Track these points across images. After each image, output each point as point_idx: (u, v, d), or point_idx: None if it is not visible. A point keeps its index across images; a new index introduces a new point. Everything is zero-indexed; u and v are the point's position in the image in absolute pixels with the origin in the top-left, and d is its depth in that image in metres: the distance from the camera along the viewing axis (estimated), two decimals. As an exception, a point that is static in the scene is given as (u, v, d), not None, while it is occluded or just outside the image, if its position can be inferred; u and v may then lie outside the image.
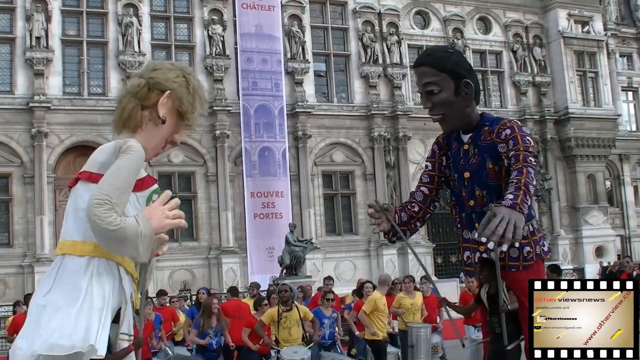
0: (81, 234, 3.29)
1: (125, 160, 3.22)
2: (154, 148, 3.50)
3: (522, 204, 3.92)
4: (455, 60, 4.46)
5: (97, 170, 3.30)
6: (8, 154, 29.27)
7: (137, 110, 3.45)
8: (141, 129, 3.47)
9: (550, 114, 39.15)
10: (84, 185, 3.33)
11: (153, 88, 3.46)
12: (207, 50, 32.43)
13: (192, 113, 3.52)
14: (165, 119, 3.45)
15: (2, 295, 27.53)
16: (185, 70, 3.56)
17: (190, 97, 3.50)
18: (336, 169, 34.46)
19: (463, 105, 4.46)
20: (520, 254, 4.50)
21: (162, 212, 3.22)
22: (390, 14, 36.25)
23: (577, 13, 40.21)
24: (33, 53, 29.62)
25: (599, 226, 39.59)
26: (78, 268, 3.24)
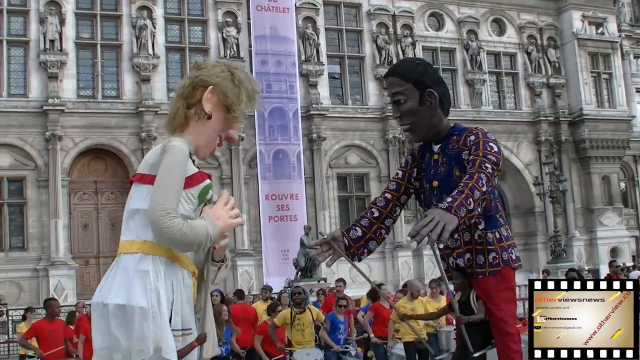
0: (134, 233, 3.40)
1: (168, 162, 3.31)
2: (207, 145, 3.58)
3: (459, 207, 3.85)
4: (420, 71, 4.48)
5: (147, 171, 3.41)
6: (22, 158, 29.26)
7: (183, 109, 3.52)
8: (190, 127, 3.53)
9: (565, 115, 39.04)
10: (137, 186, 3.46)
11: (197, 86, 3.53)
12: (222, 52, 32.36)
13: (239, 105, 3.55)
14: (210, 114, 3.51)
15: (17, 299, 27.47)
16: (231, 65, 3.62)
17: (236, 89, 3.54)
18: (351, 171, 34.42)
19: (428, 114, 4.47)
20: (486, 260, 4.46)
21: (227, 212, 3.38)
22: (404, 16, 36.19)
23: (591, 14, 40.10)
24: (47, 56, 29.61)
25: (614, 227, 39.50)
26: (131, 266, 3.34)
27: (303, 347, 11.91)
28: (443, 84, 4.59)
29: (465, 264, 4.51)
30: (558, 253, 33.43)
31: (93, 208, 30.61)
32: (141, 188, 3.41)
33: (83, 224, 30.35)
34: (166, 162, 3.29)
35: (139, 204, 3.39)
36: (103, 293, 3.34)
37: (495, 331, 4.52)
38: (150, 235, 3.33)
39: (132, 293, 3.26)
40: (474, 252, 4.48)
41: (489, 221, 4.48)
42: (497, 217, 4.51)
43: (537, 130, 38.62)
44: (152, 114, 30.52)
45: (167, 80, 31.87)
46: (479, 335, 4.81)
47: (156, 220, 3.19)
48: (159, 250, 3.36)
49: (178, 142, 3.36)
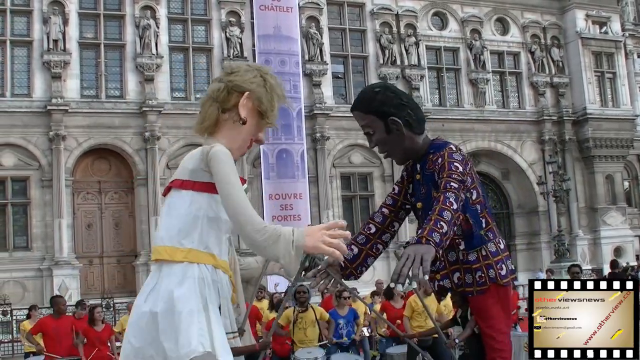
0: (176, 240, 3.41)
1: (224, 168, 3.33)
2: (239, 148, 3.63)
3: (429, 234, 3.85)
4: (380, 100, 4.42)
5: (188, 177, 3.45)
6: (26, 157, 29.28)
7: (218, 113, 3.57)
8: (223, 131, 3.58)
9: (569, 114, 39.00)
10: (177, 192, 3.48)
11: (232, 90, 3.57)
12: (225, 52, 32.40)
13: (272, 111, 3.61)
14: (246, 119, 3.56)
15: (21, 298, 27.50)
16: (262, 70, 3.67)
17: (269, 95, 3.61)
18: (355, 170, 34.42)
19: (398, 141, 4.45)
20: (474, 279, 4.43)
21: (322, 235, 3.17)
22: (408, 15, 36.17)
23: (595, 14, 40.05)
24: (50, 56, 29.64)
25: (617, 227, 39.46)
26: (175, 274, 3.37)
27: (306, 346, 11.95)
28: (409, 104, 4.50)
29: (455, 283, 4.49)
30: (562, 252, 33.43)
31: (97, 208, 30.62)
32: (182, 194, 3.46)
33: (87, 224, 30.36)
34: (223, 168, 3.33)
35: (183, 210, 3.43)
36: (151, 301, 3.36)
37: (486, 347, 4.52)
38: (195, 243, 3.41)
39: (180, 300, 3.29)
40: (462, 271, 4.45)
41: (470, 240, 4.44)
42: (482, 234, 4.45)
43: (540, 129, 38.59)
44: (156, 113, 30.54)
45: (171, 80, 31.89)
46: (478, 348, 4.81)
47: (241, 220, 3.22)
48: (204, 257, 3.42)
49: (222, 147, 3.40)
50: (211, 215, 3.46)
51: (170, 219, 3.46)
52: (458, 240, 4.42)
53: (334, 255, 3.17)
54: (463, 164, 4.27)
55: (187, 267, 3.37)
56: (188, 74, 32.31)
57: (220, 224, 3.48)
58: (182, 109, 31.40)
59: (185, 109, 31.44)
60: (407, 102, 4.49)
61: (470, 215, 4.37)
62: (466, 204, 4.30)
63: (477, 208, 4.41)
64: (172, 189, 3.51)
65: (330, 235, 3.17)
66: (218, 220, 3.47)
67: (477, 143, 36.34)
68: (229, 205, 3.28)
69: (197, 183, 3.43)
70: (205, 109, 3.61)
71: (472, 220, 4.38)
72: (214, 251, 3.47)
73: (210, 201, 3.45)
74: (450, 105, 36.88)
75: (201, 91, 32.35)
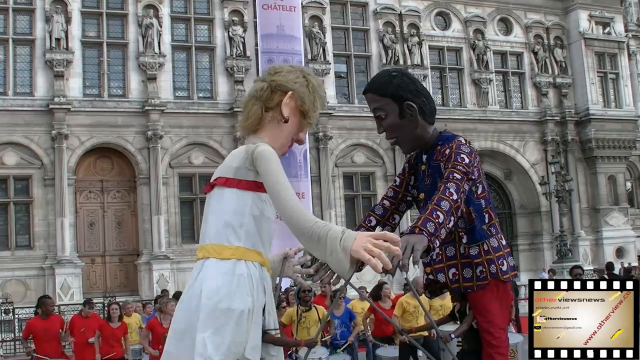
0: (224, 238, 3.52)
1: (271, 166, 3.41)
2: (281, 147, 3.72)
3: (424, 224, 3.87)
4: (397, 84, 4.43)
5: (232, 175, 3.55)
6: (28, 156, 29.27)
7: (261, 112, 3.67)
8: (266, 129, 3.68)
9: (571, 115, 38.96)
10: (221, 190, 3.58)
11: (276, 90, 3.66)
12: (228, 51, 32.40)
13: (314, 112, 3.73)
14: (288, 118, 3.66)
15: (23, 297, 27.49)
16: (305, 71, 3.79)
17: (311, 96, 3.72)
18: (357, 170, 34.41)
19: (410, 127, 4.44)
20: (474, 274, 4.41)
21: (367, 241, 3.10)
22: (411, 15, 36.14)
23: (598, 14, 40.02)
24: (53, 54, 29.62)
25: (620, 227, 39.44)
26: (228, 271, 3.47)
27: (309, 345, 11.96)
28: (423, 92, 4.52)
29: (450, 279, 4.47)
30: (564, 253, 33.43)
31: (99, 207, 30.62)
32: (226, 192, 3.55)
33: (89, 223, 30.36)
34: (270, 166, 3.41)
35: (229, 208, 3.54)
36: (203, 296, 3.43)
37: (483, 342, 4.49)
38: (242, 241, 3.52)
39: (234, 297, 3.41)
40: (459, 266, 4.43)
41: (472, 234, 4.43)
42: (484, 229, 4.45)
43: (543, 129, 38.56)
44: (159, 112, 30.53)
45: (173, 79, 31.89)
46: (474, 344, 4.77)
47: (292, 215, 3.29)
48: (252, 255, 3.53)
49: (267, 146, 3.49)
50: (256, 213, 3.55)
51: (216, 217, 3.55)
52: (461, 234, 4.43)
53: (370, 263, 3.07)
54: (471, 156, 4.28)
55: (235, 264, 3.47)
56: (191, 73, 32.29)
57: (264, 222, 3.60)
58: (184, 108, 31.43)
59: (188, 108, 31.48)
60: (422, 90, 4.51)
61: (473, 208, 4.38)
62: (470, 197, 4.32)
63: (481, 202, 4.42)
64: (215, 187, 3.60)
65: (375, 244, 3.09)
66: (263, 218, 3.58)
67: (480, 143, 36.29)
68: (279, 203, 3.35)
69: (242, 181, 3.53)
70: (248, 108, 3.71)
71: (475, 214, 4.39)
72: (260, 248, 3.58)
73: (255, 199, 3.55)
74: (453, 105, 36.86)
75: (204, 90, 32.41)
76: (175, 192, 30.99)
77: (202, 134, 31.42)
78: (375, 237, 3.13)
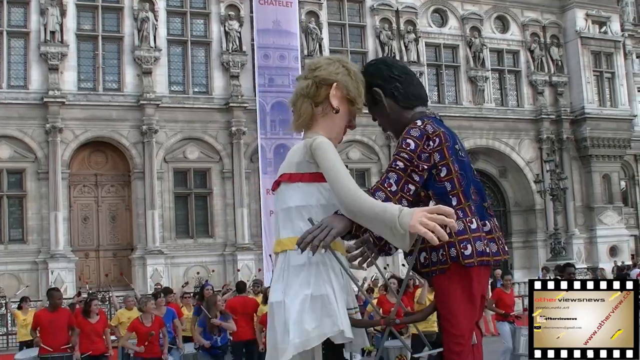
0: (295, 231, 3.68)
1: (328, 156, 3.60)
2: (337, 136, 3.89)
3: None
4: (370, 72, 4.34)
5: (295, 170, 3.75)
6: (22, 150, 29.16)
7: (312, 108, 3.82)
8: (319, 123, 3.83)
9: (567, 113, 39.06)
10: (287, 186, 3.77)
11: (320, 84, 3.80)
12: (224, 46, 32.32)
13: (360, 97, 3.89)
14: (339, 109, 3.80)
15: (16, 291, 27.33)
16: (343, 60, 3.94)
17: (355, 82, 3.88)
18: (352, 166, 34.23)
19: (383, 113, 4.35)
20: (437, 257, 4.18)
21: (422, 215, 3.41)
22: (408, 12, 36.11)
23: (595, 13, 40.09)
24: (48, 47, 29.49)
25: (614, 226, 39.62)
26: (302, 260, 3.66)
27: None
28: (399, 78, 4.36)
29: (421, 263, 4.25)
30: (558, 251, 33.60)
31: (93, 201, 30.53)
32: (292, 187, 3.75)
33: (83, 217, 30.27)
34: (324, 155, 3.60)
35: (297, 201, 3.73)
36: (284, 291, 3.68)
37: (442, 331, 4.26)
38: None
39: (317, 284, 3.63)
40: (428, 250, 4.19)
41: None
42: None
43: (538, 128, 38.63)
44: (154, 107, 30.42)
45: (169, 73, 31.80)
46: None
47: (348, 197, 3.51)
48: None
49: (323, 138, 3.67)
50: (323, 202, 3.74)
51: (286, 212, 3.75)
52: None
53: (427, 236, 3.37)
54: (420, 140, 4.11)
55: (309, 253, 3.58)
56: (186, 67, 32.20)
57: (332, 209, 3.73)
58: (180, 102, 31.35)
59: (183, 102, 31.40)
60: (397, 76, 4.36)
61: (434, 192, 4.17)
62: (431, 181, 4.15)
63: (444, 185, 4.18)
64: (281, 183, 3.80)
65: (430, 218, 3.39)
66: (330, 206, 3.74)
67: (475, 141, 36.32)
68: (337, 189, 3.55)
69: (305, 174, 3.72)
70: (298, 107, 3.85)
71: (436, 197, 4.17)
72: None
73: (320, 189, 3.74)
74: (448, 102, 36.86)
75: (199, 85, 32.32)
76: (170, 186, 30.92)
77: (197, 129, 31.34)
78: (430, 211, 3.43)
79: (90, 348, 13.41)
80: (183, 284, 26.19)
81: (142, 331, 13.11)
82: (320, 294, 3.61)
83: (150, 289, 26.09)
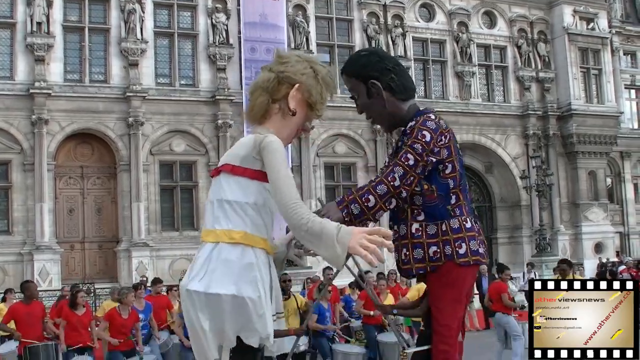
0: (231, 223, 3.57)
1: (274, 157, 3.46)
2: (287, 138, 3.74)
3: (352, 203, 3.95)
4: (362, 63, 4.42)
5: (239, 163, 3.59)
6: (8, 141, 29.03)
7: (268, 103, 3.69)
8: (272, 120, 3.69)
9: (553, 109, 39.10)
10: (227, 177, 3.62)
11: (283, 81, 3.66)
12: (211, 38, 32.24)
13: (322, 103, 3.72)
14: (295, 111, 3.66)
15: (1, 283, 27.28)
16: (313, 61, 3.78)
17: (319, 87, 3.69)
18: (338, 160, 34.40)
19: (379, 105, 4.39)
20: (426, 255, 4.26)
21: (362, 237, 3.28)
22: (395, 6, 36.08)
23: (583, 10, 40.15)
24: (34, 39, 29.35)
25: (599, 223, 39.70)
26: (234, 256, 3.53)
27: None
28: (393, 70, 4.43)
29: (402, 259, 4.34)
30: (543, 247, 33.64)
31: (79, 193, 30.43)
32: (232, 179, 3.60)
33: (68, 209, 30.18)
34: (272, 157, 3.46)
35: (234, 195, 3.58)
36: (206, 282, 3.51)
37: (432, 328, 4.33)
38: (248, 227, 3.57)
39: (242, 285, 3.48)
40: (409, 246, 4.29)
41: (432, 213, 4.29)
42: (448, 209, 4.30)
43: (525, 124, 38.68)
44: (140, 99, 30.34)
45: (155, 65, 31.69)
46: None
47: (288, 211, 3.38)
48: (258, 242, 3.58)
49: (275, 137, 3.53)
50: (260, 202, 3.62)
51: (221, 203, 3.60)
52: (417, 211, 4.30)
53: (367, 259, 3.24)
54: (435, 133, 4.18)
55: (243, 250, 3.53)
56: (173, 59, 32.11)
57: (266, 211, 3.66)
58: (166, 95, 31.28)
59: (170, 95, 31.32)
60: (392, 68, 4.42)
61: (437, 187, 4.25)
62: (435, 176, 4.22)
63: (448, 182, 4.28)
64: (222, 173, 3.65)
65: (370, 240, 3.26)
66: (266, 208, 3.64)
67: (462, 136, 36.33)
68: (277, 196, 3.44)
69: (248, 170, 3.57)
70: (254, 98, 3.73)
71: (438, 192, 4.26)
72: (265, 235, 3.62)
73: (260, 189, 3.61)
74: (435, 97, 36.86)
75: (186, 77, 32.26)
76: (156, 179, 30.86)
77: (184, 122, 31.28)
78: (370, 232, 3.29)
79: (77, 340, 13.37)
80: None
81: (118, 322, 13.13)
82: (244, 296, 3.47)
83: (135, 281, 26.04)
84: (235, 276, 3.49)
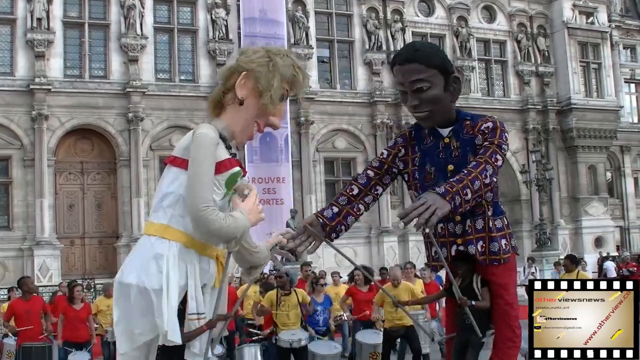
0: (166, 218, 3.47)
1: (197, 152, 3.33)
2: (242, 131, 3.60)
3: (455, 195, 3.84)
4: (442, 57, 4.40)
5: (180, 154, 3.47)
6: (8, 137, 29.07)
7: (220, 94, 3.58)
8: (227, 112, 3.58)
9: (553, 104, 39.09)
10: (168, 168, 3.54)
11: (234, 71, 3.57)
12: (210, 34, 32.25)
13: (269, 91, 3.53)
14: (243, 99, 3.53)
15: (2, 278, 27.42)
16: (272, 51, 3.61)
17: (270, 75, 3.53)
18: (338, 155, 34.40)
19: (450, 100, 4.40)
20: (500, 248, 4.41)
21: (257, 208, 3.49)
22: (394, 1, 36.05)
23: (582, 4, 40.11)
24: (34, 34, 29.38)
25: (599, 217, 39.69)
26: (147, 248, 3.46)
27: (289, 328, 12.03)
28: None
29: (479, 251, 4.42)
30: (543, 241, 33.57)
31: (79, 188, 30.47)
32: (171, 171, 3.51)
33: (68, 204, 30.23)
34: (196, 151, 3.33)
35: (169, 187, 3.49)
36: (122, 272, 3.50)
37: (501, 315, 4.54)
38: (172, 220, 3.46)
39: (147, 275, 3.38)
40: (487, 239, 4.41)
41: (496, 207, 4.45)
42: (499, 205, 4.51)
43: (525, 118, 38.68)
44: (140, 94, 30.36)
45: (155, 61, 31.70)
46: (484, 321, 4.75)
47: (197, 212, 3.28)
48: (175, 235, 3.45)
49: (205, 129, 3.37)
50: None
51: (162, 196, 3.51)
52: (487, 207, 4.41)
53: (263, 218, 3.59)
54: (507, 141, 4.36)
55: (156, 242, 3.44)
56: (173, 55, 32.12)
57: None
58: (166, 90, 31.29)
59: (170, 90, 31.34)
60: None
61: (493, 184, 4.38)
62: None
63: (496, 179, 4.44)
64: (167, 164, 3.56)
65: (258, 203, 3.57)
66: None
67: (461, 130, 36.32)
68: (189, 195, 3.31)
69: (185, 161, 3.41)
70: (214, 90, 3.70)
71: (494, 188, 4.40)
72: (189, 230, 3.45)
73: None
74: (435, 92, 36.76)
75: (185, 73, 32.27)
76: (156, 174, 30.83)
77: (184, 117, 31.26)
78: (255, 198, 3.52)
79: (74, 335, 13.39)
80: None
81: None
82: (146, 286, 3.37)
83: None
84: (142, 267, 3.41)
